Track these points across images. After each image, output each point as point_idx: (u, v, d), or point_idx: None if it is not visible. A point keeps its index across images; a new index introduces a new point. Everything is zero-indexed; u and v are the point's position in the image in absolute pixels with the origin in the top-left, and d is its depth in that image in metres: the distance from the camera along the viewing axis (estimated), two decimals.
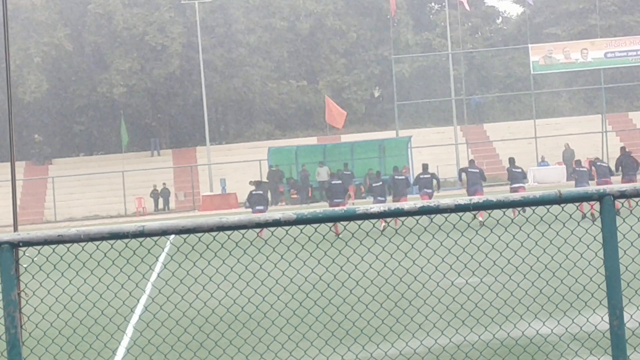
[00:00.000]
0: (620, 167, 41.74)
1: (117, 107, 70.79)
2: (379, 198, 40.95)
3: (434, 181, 43.51)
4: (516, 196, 6.20)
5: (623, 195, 6.53)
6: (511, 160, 43.04)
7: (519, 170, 41.36)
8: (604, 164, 43.47)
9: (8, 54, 8.95)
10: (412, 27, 79.18)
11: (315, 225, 7.29)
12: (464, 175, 42.56)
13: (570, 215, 7.55)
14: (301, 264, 9.31)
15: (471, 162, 45.83)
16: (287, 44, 76.54)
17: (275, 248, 7.80)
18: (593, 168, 44.43)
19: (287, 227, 6.39)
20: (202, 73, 65.37)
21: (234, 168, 65.28)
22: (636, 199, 7.66)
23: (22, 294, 6.50)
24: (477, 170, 41.96)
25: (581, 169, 41.03)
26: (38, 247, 6.33)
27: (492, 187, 54.10)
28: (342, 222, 30.23)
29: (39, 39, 66.69)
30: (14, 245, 6.01)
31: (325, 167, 59.80)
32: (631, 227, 8.76)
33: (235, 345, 10.13)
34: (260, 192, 48.59)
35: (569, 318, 11.55)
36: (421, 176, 42.89)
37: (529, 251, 8.82)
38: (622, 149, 47.42)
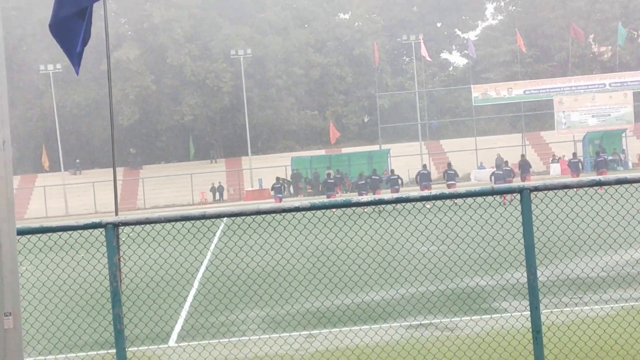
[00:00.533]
0: (519, 168, 42.99)
1: (187, 129, 70.65)
2: (362, 192, 42.06)
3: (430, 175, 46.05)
4: (462, 190, 6.23)
5: (536, 189, 6.47)
6: (449, 165, 43.65)
7: (452, 172, 41.26)
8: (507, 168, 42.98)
9: (111, 93, 8.84)
10: (390, 73, 79.09)
11: (323, 210, 7.15)
12: (418, 176, 42.46)
13: (500, 203, 7.62)
14: (313, 237, 9.55)
15: (424, 166, 47.10)
16: (304, 85, 74.81)
17: (296, 226, 7.89)
18: (516, 170, 44.06)
19: (304, 212, 6.34)
20: (245, 105, 64.62)
21: (267, 172, 62.04)
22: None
23: (121, 259, 6.46)
24: (427, 172, 43.34)
25: (506, 168, 41.24)
26: (132, 226, 6.76)
27: (440, 184, 53.25)
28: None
29: (133, 82, 66.28)
30: (115, 225, 6.24)
31: (331, 171, 59.71)
32: (542, 211, 8.43)
33: (269, 293, 10.51)
34: (279, 185, 50.20)
35: (499, 274, 12.21)
36: (421, 172, 43.10)
37: (471, 228, 8.77)
38: (522, 156, 48.65)
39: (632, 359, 7.83)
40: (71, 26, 7.46)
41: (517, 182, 46.74)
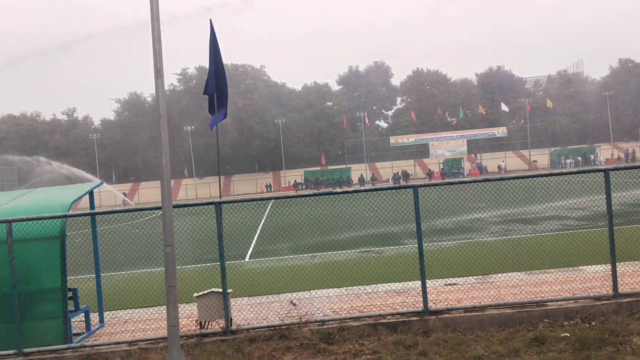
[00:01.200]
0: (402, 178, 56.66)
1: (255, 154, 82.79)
2: (337, 188, 54.08)
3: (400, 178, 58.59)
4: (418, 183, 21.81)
5: (426, 185, 12.73)
6: (396, 174, 58.83)
7: (399, 176, 55.40)
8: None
9: (217, 132, 11.34)
10: (352, 131, 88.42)
11: (316, 198, 16.83)
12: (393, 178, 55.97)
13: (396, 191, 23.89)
14: (314, 209, 19.63)
15: (395, 173, 62.30)
16: (310, 137, 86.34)
17: (307, 203, 20.14)
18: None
19: (311, 197, 8.48)
20: (282, 147, 78.69)
21: (293, 178, 74.97)
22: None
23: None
24: (398, 176, 58.41)
25: (398, 176, 56.88)
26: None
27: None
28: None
29: (225, 136, 74.68)
30: (219, 204, 7.18)
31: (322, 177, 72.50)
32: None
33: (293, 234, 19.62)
34: (296, 184, 68.04)
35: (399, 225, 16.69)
36: (395, 176, 55.98)
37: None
38: (404, 171, 66.65)
39: None
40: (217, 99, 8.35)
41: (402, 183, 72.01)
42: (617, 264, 7.69)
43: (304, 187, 73.57)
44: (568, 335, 6.44)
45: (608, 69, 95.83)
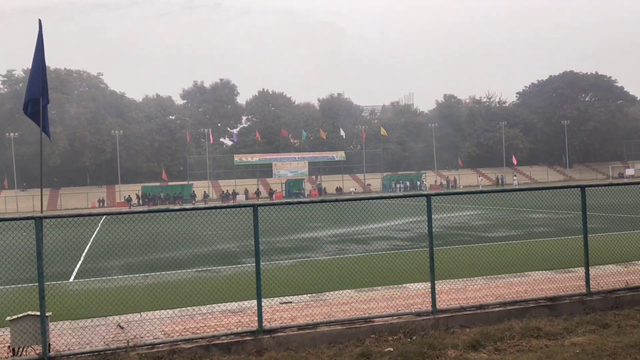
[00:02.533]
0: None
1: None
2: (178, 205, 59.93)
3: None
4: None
5: (265, 204, 17.93)
6: (226, 193, 60.67)
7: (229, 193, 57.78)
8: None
9: (41, 140, 9.49)
10: (195, 147, 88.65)
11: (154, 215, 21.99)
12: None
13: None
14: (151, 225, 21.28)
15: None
16: (152, 150, 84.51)
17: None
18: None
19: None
20: (118, 162, 78.91)
21: (129, 193, 73.38)
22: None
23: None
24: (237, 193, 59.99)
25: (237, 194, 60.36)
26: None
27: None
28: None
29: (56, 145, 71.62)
30: (40, 219, 6.58)
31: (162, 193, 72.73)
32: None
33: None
34: (130, 200, 65.09)
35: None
36: (223, 194, 57.73)
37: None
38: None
39: None
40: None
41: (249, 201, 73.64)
42: (436, 281, 8.31)
43: (140, 202, 71.54)
44: (392, 349, 6.80)
45: (434, 103, 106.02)
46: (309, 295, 9.83)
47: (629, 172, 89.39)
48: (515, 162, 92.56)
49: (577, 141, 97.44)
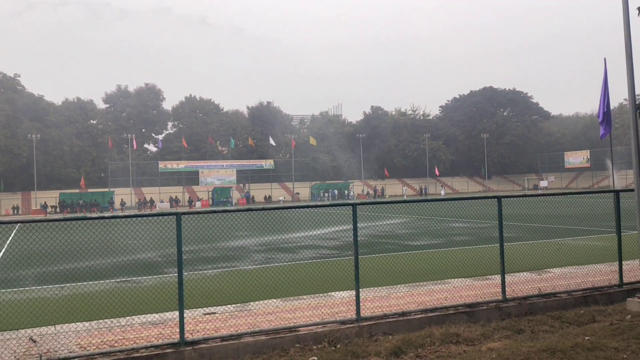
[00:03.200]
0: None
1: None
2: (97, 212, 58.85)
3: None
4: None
5: (188, 212, 19.23)
6: (144, 201, 59.75)
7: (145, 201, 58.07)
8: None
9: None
10: (117, 153, 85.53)
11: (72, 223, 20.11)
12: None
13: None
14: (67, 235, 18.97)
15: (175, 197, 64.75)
16: (70, 155, 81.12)
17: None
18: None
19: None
20: (34, 164, 74.32)
21: (46, 199, 71.42)
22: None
23: None
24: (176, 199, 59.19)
25: (161, 202, 60.86)
26: None
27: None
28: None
29: None
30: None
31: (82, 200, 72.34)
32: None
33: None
34: (46, 207, 64.32)
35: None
36: (140, 202, 56.67)
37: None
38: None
39: None
40: None
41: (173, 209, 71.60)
42: (361, 290, 8.45)
43: (57, 210, 69.20)
44: (316, 358, 6.82)
45: (362, 114, 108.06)
46: (234, 305, 9.70)
47: (543, 183, 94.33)
48: (438, 173, 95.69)
49: (495, 154, 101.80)
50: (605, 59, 17.39)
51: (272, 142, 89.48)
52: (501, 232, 9.32)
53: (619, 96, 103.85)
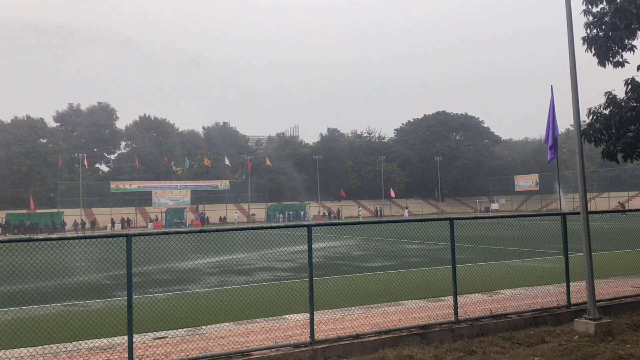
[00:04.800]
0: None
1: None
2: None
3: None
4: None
5: (140, 234, 20.30)
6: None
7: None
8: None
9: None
10: (68, 173, 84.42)
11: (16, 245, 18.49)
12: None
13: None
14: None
15: (127, 219, 62.64)
16: (11, 176, 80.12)
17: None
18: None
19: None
20: None
21: None
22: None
23: None
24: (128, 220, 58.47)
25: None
26: None
27: None
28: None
29: None
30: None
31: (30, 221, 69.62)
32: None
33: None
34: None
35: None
36: (75, 223, 56.13)
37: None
38: (123, 219, 68.37)
39: None
40: None
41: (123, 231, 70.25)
42: (315, 312, 8.40)
43: (2, 231, 66.74)
44: None
45: (319, 136, 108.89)
46: (185, 329, 9.49)
47: (494, 206, 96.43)
48: (393, 194, 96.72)
49: (448, 176, 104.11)
50: (552, 86, 18.08)
51: (227, 162, 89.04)
52: (453, 253, 9.45)
53: (565, 122, 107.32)
